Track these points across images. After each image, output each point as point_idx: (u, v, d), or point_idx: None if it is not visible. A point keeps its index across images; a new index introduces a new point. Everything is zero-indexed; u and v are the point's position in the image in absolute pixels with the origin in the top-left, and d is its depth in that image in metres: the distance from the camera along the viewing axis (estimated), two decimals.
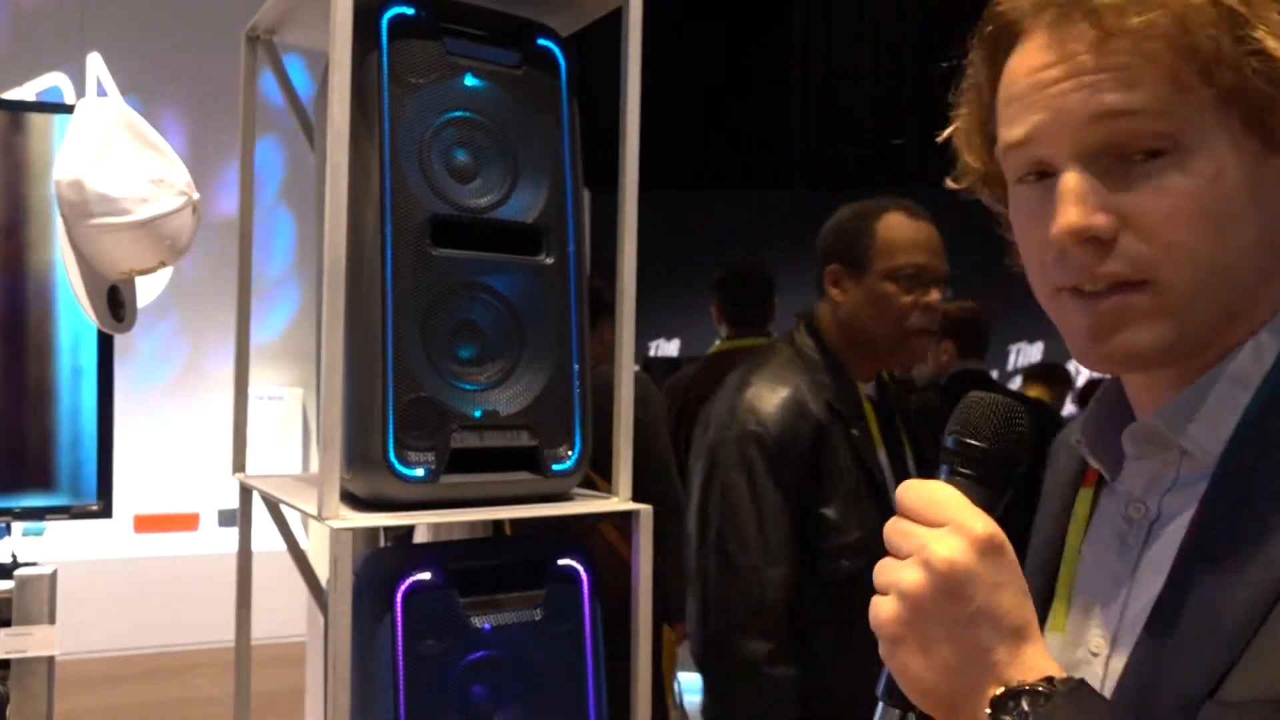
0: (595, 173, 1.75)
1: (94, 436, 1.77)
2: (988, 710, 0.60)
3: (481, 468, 1.44)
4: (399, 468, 1.37)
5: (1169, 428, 0.68)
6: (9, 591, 1.60)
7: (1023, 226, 0.71)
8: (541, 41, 1.54)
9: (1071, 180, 0.65)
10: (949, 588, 0.61)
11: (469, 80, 1.46)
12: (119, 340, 1.76)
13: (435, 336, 1.41)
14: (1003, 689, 0.60)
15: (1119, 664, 0.68)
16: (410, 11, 1.43)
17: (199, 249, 1.79)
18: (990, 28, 0.72)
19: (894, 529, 0.65)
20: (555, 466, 1.49)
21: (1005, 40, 0.71)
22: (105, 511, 1.76)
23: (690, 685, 3.26)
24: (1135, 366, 0.70)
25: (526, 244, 1.50)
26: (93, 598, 4.43)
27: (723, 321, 3.32)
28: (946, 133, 0.79)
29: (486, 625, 1.41)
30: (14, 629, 1.58)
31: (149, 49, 5.61)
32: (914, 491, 0.65)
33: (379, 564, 1.44)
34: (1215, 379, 0.67)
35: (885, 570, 0.64)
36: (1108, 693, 0.67)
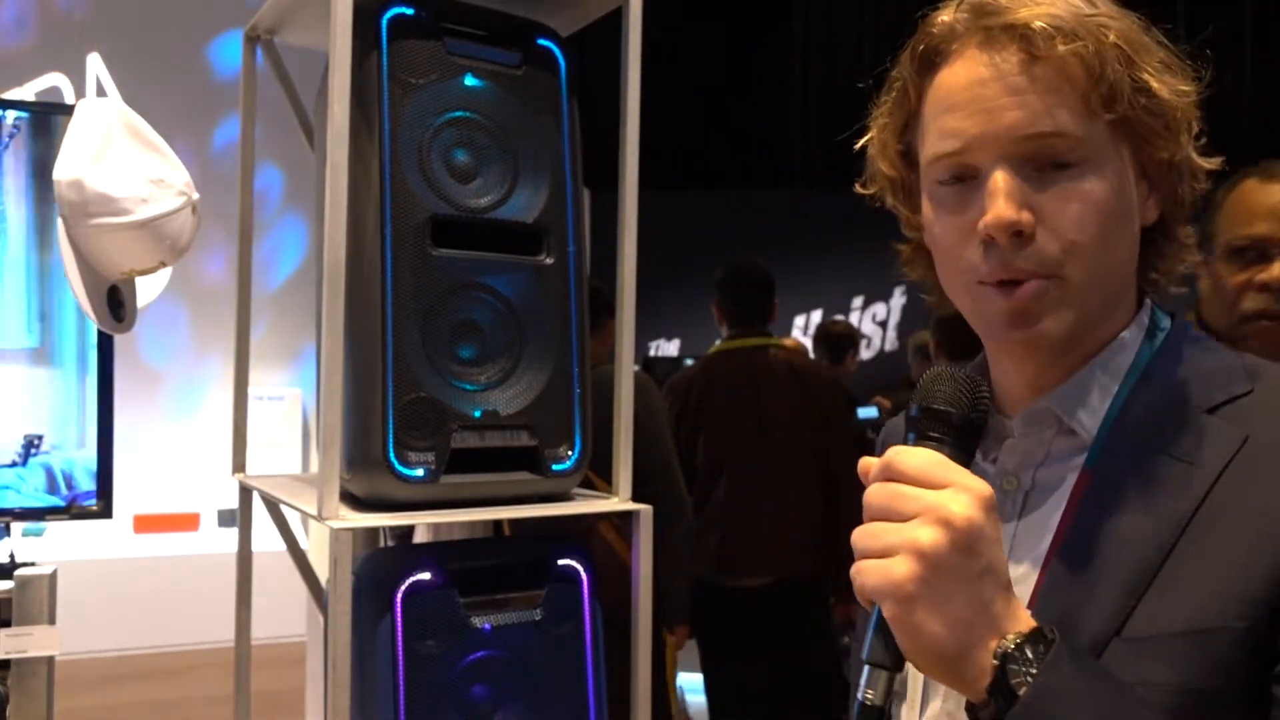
0: (595, 173, 1.75)
1: (94, 436, 1.77)
2: (994, 662, 0.63)
3: (481, 468, 1.44)
4: (399, 468, 1.37)
5: (1062, 410, 0.78)
6: (9, 591, 1.60)
7: (943, 223, 0.79)
8: (541, 41, 1.54)
9: (1002, 180, 0.74)
10: (968, 543, 0.64)
11: (469, 80, 1.46)
12: (119, 340, 1.76)
13: (435, 336, 1.41)
14: (1005, 640, 0.64)
15: None
16: (410, 11, 1.43)
17: (199, 249, 1.79)
18: (922, 46, 0.80)
19: (888, 492, 0.67)
20: (555, 466, 1.49)
21: (936, 58, 0.79)
22: (105, 512, 1.77)
23: (693, 685, 3.26)
24: (1043, 350, 0.78)
25: (526, 244, 1.50)
26: (93, 598, 4.42)
27: (724, 321, 3.33)
28: (862, 141, 0.88)
29: (486, 625, 1.41)
30: (14, 629, 1.58)
31: (149, 49, 5.61)
32: (911, 456, 0.68)
33: (379, 564, 1.44)
34: (1094, 370, 0.78)
35: (887, 533, 0.66)
36: None
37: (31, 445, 1.72)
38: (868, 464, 0.70)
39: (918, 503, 0.65)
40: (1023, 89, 0.74)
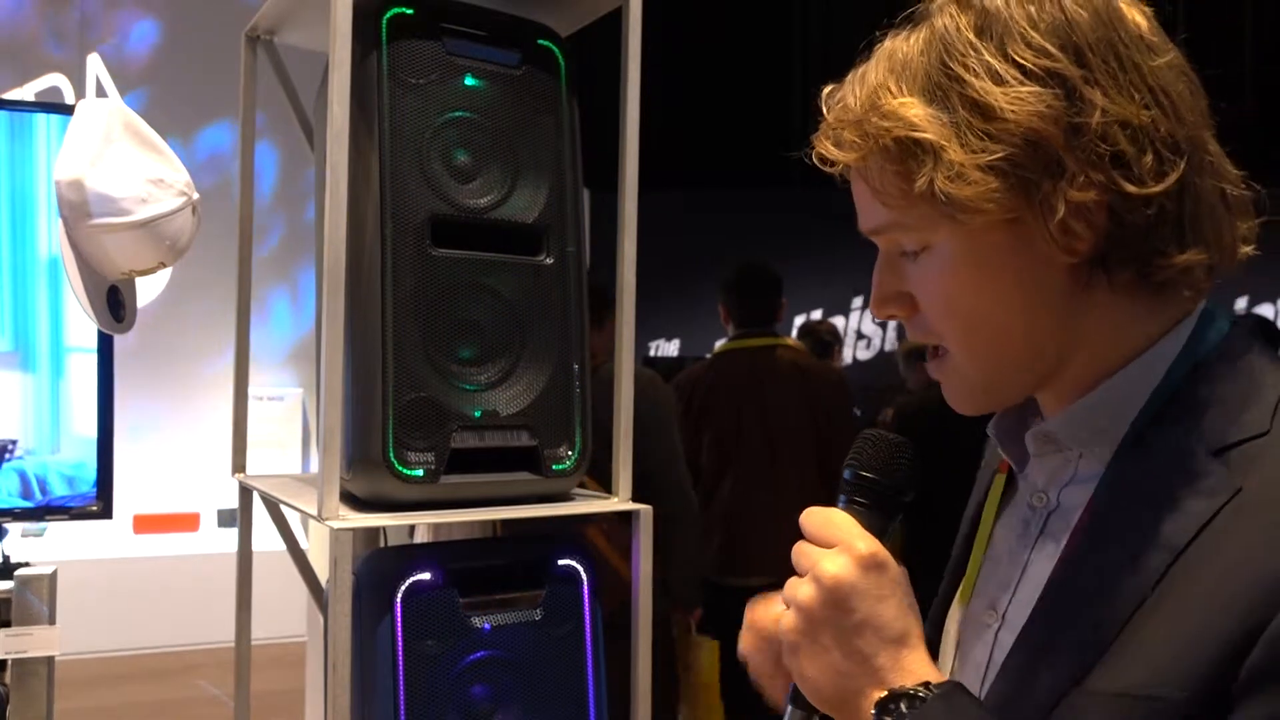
0: (595, 173, 1.75)
1: (94, 436, 1.77)
2: (872, 712, 0.67)
3: (481, 468, 1.44)
4: (399, 468, 1.37)
5: (1063, 435, 0.76)
6: (9, 591, 1.60)
7: None
8: (541, 41, 1.54)
9: (876, 271, 0.77)
10: (835, 600, 0.69)
11: (469, 80, 1.46)
12: (118, 340, 1.76)
13: (435, 336, 1.41)
14: (885, 692, 0.67)
15: (1007, 637, 0.75)
16: (410, 11, 1.42)
17: (199, 249, 1.78)
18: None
19: (796, 550, 0.73)
20: (555, 466, 1.49)
21: None
22: (105, 512, 1.77)
23: None
24: (974, 413, 0.78)
25: (526, 244, 1.50)
26: (93, 598, 4.42)
27: (730, 321, 3.33)
28: None
29: (486, 625, 1.41)
30: (14, 629, 1.58)
31: (149, 49, 5.61)
32: (813, 517, 0.73)
33: (379, 564, 1.44)
34: (1104, 394, 0.73)
35: (788, 586, 0.72)
36: (996, 662, 0.75)
37: (4, 450, 1.71)
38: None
39: (807, 560, 0.71)
40: (860, 191, 0.76)
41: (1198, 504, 0.65)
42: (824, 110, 0.77)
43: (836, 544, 0.70)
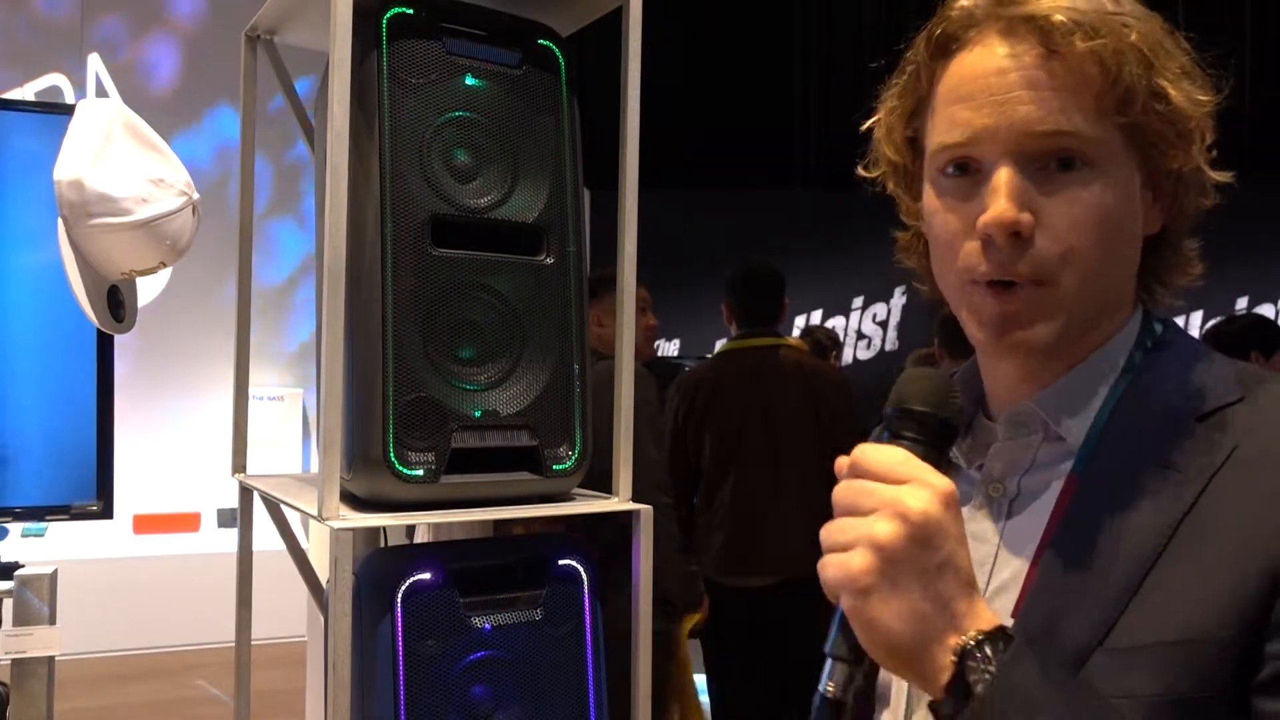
0: (595, 172, 1.75)
1: (94, 437, 1.77)
2: (953, 658, 0.64)
3: (482, 468, 1.44)
4: (399, 468, 1.37)
5: (1047, 414, 0.76)
6: (9, 591, 1.60)
7: (943, 214, 0.77)
8: (541, 41, 1.54)
9: (1005, 177, 0.72)
10: (924, 536, 0.64)
11: (469, 80, 1.46)
12: (118, 340, 1.76)
13: (435, 336, 1.41)
14: (965, 638, 0.64)
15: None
16: (410, 11, 1.42)
17: (199, 249, 1.79)
18: (939, 30, 0.77)
19: (853, 489, 0.68)
20: (555, 466, 1.49)
21: (952, 44, 0.77)
22: (105, 512, 1.77)
23: (697, 686, 3.25)
24: (1031, 354, 0.76)
25: (526, 244, 1.50)
26: (93, 598, 4.42)
27: (733, 320, 3.33)
28: (869, 123, 0.85)
29: (487, 625, 1.41)
30: (14, 629, 1.58)
31: (149, 49, 5.61)
32: (875, 453, 0.68)
33: (379, 564, 1.44)
34: (1082, 376, 0.76)
35: (848, 528, 0.67)
36: None
37: None
38: (842, 462, 0.71)
39: (877, 498, 0.66)
40: (1038, 84, 0.72)
41: (1197, 462, 0.69)
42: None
43: (911, 479, 0.66)
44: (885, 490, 0.66)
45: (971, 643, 0.63)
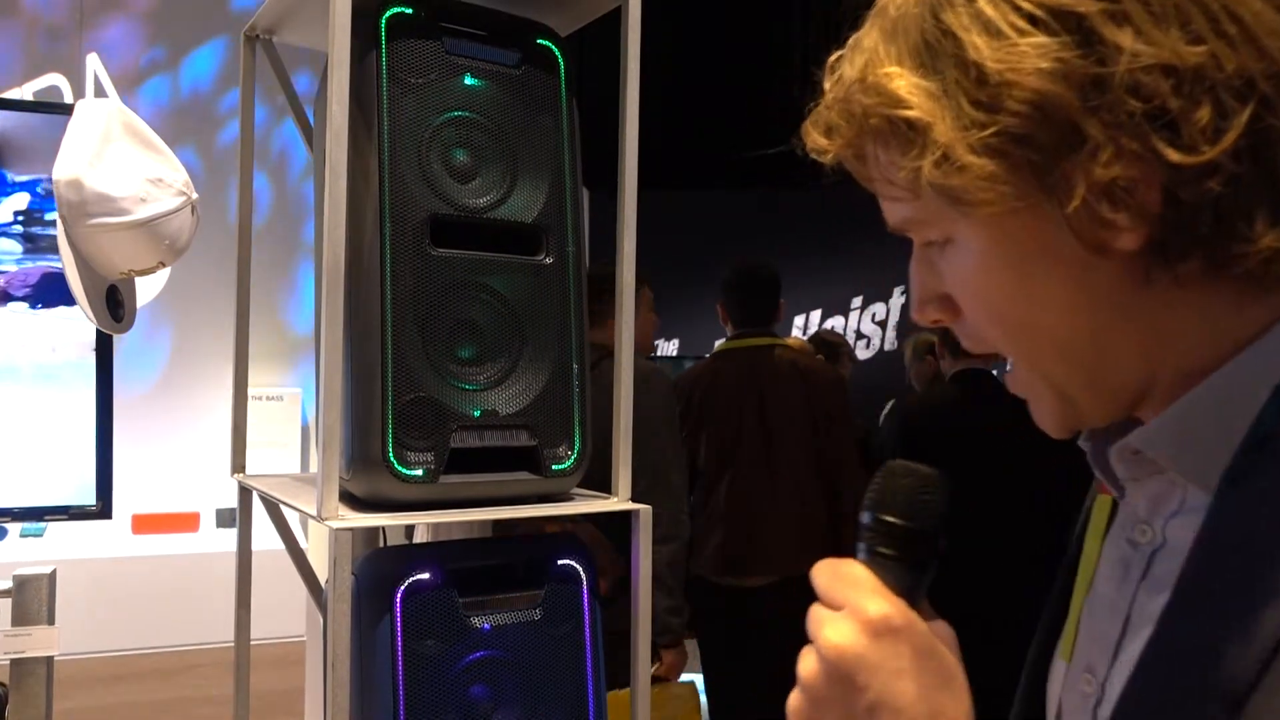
0: (595, 173, 1.75)
1: (93, 436, 1.77)
2: None
3: (481, 468, 1.44)
4: (398, 468, 1.37)
5: (1149, 450, 0.58)
6: (8, 591, 1.60)
7: None
8: (541, 41, 1.54)
9: (911, 268, 0.64)
10: (840, 675, 0.56)
11: (468, 80, 1.46)
12: (117, 340, 1.76)
13: (435, 336, 1.41)
14: None
15: (1105, 713, 0.60)
16: (409, 11, 1.42)
17: (198, 249, 1.78)
18: None
19: (809, 613, 0.60)
20: (555, 466, 1.49)
21: None
22: (104, 512, 1.76)
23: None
24: (1067, 436, 0.63)
25: (526, 244, 1.50)
26: (91, 598, 4.42)
27: (729, 321, 3.33)
28: None
29: (486, 625, 1.41)
30: (14, 629, 1.58)
31: (149, 49, 5.61)
32: (821, 573, 0.60)
33: (378, 564, 1.44)
34: (1195, 401, 0.56)
35: (800, 657, 0.60)
36: None
37: None
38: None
39: (813, 626, 0.59)
40: (870, 178, 0.63)
41: None
42: (825, 87, 0.62)
43: (844, 605, 0.58)
44: (818, 617, 0.59)
45: None
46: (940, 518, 0.63)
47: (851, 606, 0.58)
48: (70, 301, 1.65)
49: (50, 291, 1.72)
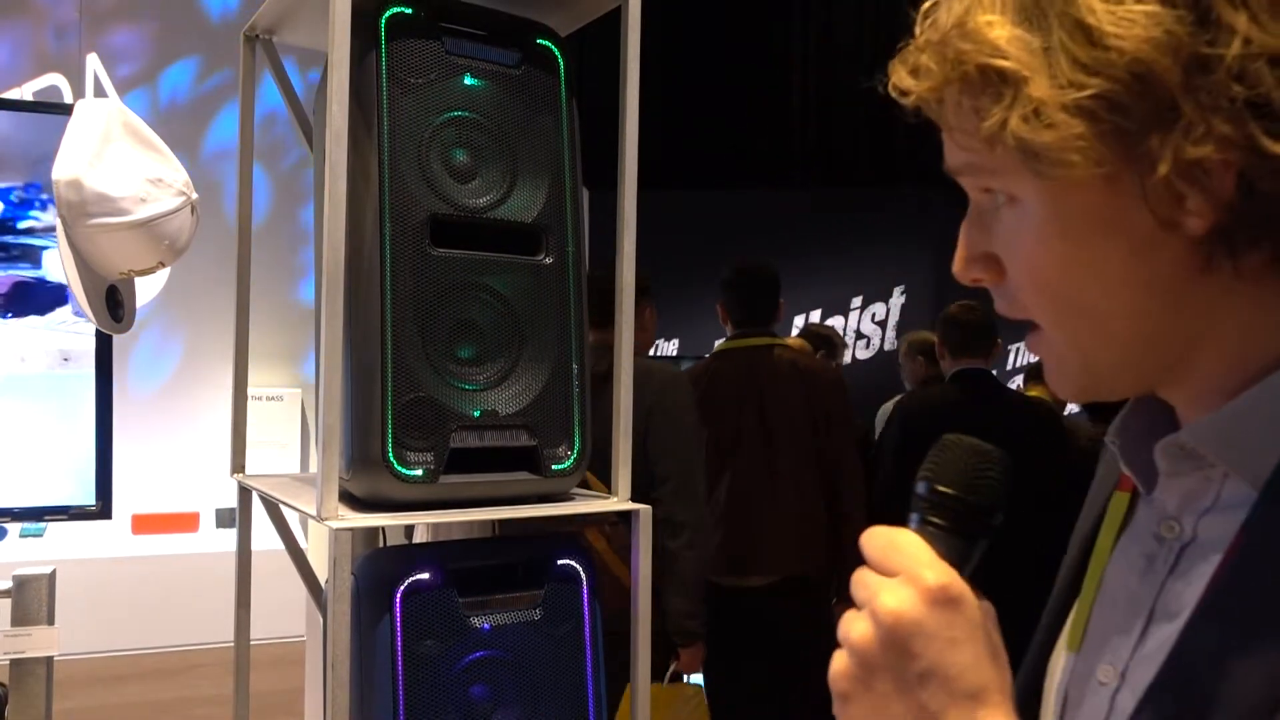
0: (595, 172, 1.75)
1: (92, 436, 1.77)
2: None
3: (481, 468, 1.44)
4: (398, 468, 1.37)
5: (1204, 447, 0.58)
6: (8, 592, 1.60)
7: None
8: (540, 41, 1.54)
9: (963, 225, 0.63)
10: (895, 641, 0.56)
11: (468, 80, 1.46)
12: (117, 340, 1.76)
13: (434, 336, 1.41)
14: None
15: (1126, 701, 0.61)
16: (409, 11, 1.42)
17: (198, 249, 1.78)
18: None
19: (855, 579, 0.60)
20: (555, 466, 1.49)
21: None
22: (104, 512, 1.76)
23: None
24: (1078, 401, 0.65)
25: (526, 244, 1.50)
26: (91, 598, 4.42)
27: (728, 320, 3.33)
28: None
29: (486, 625, 1.41)
30: (14, 629, 1.58)
31: (149, 49, 5.61)
32: (874, 539, 0.60)
33: (378, 564, 1.44)
34: (1255, 398, 0.56)
35: (842, 623, 0.60)
36: None
37: None
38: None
39: (865, 590, 0.59)
40: (946, 123, 0.61)
41: None
42: (916, 30, 0.61)
43: (900, 572, 0.58)
44: (870, 584, 0.59)
45: None
46: (1000, 495, 0.62)
47: (909, 573, 0.58)
48: (41, 311, 1.65)
49: (20, 300, 1.72)
